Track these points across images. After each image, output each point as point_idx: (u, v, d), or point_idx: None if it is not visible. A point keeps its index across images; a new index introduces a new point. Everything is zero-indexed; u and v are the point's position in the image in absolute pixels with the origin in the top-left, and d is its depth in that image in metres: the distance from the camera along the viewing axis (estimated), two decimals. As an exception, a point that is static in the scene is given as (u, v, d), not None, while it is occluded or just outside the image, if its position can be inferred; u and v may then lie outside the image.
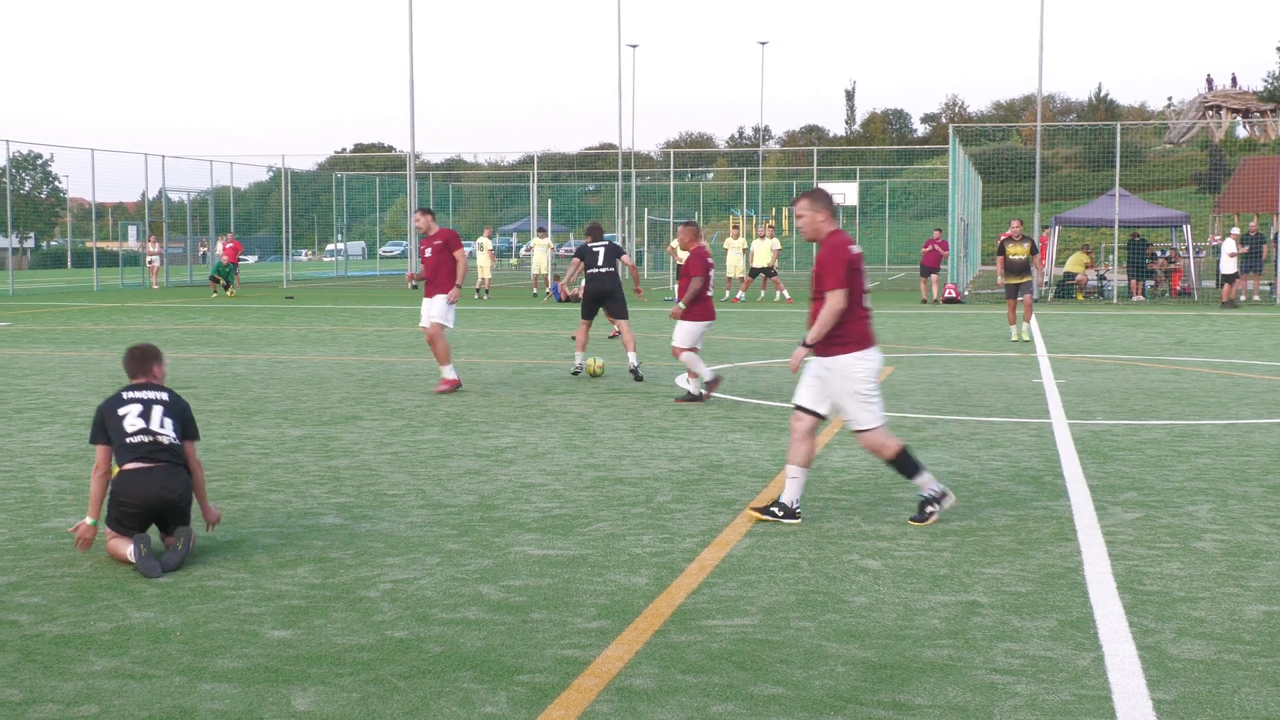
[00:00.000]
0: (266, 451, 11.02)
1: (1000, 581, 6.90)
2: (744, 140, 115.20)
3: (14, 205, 57.67)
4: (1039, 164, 39.74)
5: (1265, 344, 21.94)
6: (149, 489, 7.24)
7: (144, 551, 6.98)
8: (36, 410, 13.68)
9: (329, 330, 25.60)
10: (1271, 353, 20.31)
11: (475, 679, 5.40)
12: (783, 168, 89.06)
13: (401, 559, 7.38)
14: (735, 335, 24.10)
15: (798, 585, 6.81)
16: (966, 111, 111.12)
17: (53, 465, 10.38)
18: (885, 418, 8.51)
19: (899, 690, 5.27)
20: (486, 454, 10.89)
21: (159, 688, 5.31)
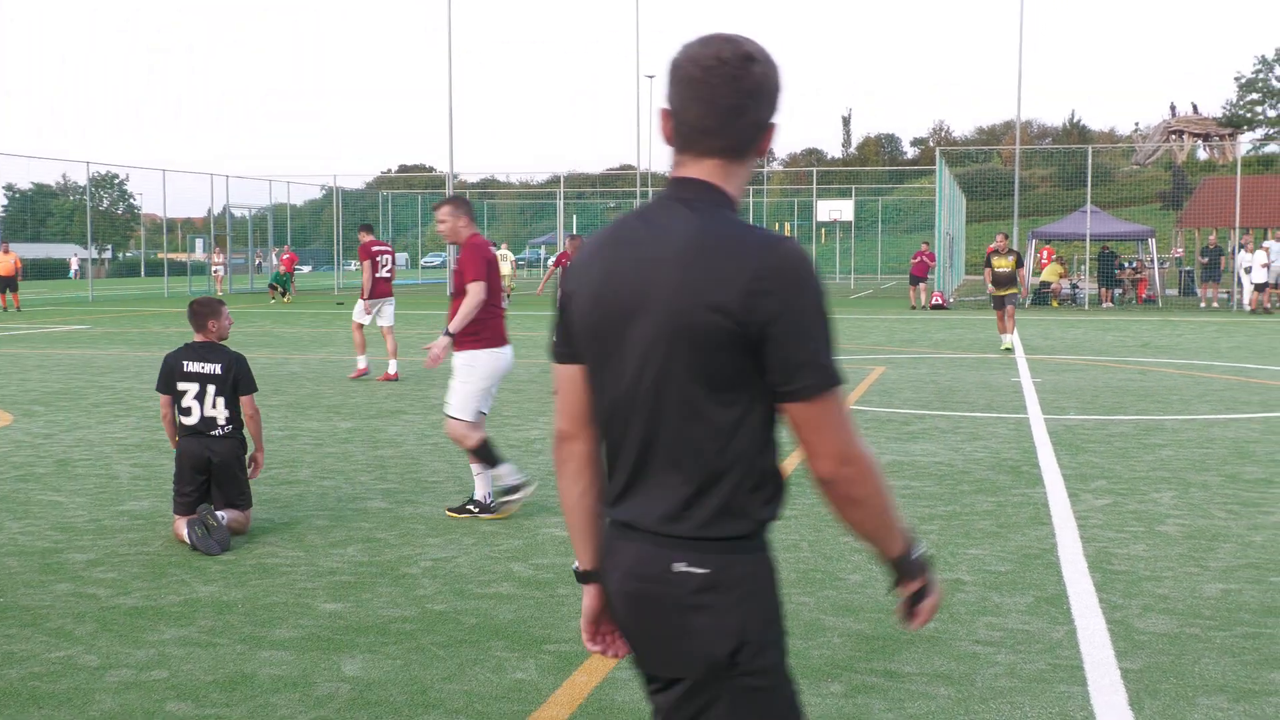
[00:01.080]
0: (319, 442, 11.03)
1: (982, 561, 6.87)
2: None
3: (93, 220, 57.82)
4: (1017, 183, 39.56)
5: (1223, 346, 21.82)
6: (199, 452, 7.44)
7: (199, 533, 7.03)
8: (113, 405, 13.72)
9: (375, 332, 25.58)
10: (1229, 354, 20.20)
11: (507, 648, 5.40)
12: (785, 186, 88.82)
13: (441, 539, 7.38)
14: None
15: (798, 564, 6.79)
16: (952, 135, 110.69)
17: (128, 454, 10.40)
18: (483, 417, 8.07)
19: (890, 659, 5.25)
20: (517, 445, 10.88)
21: (222, 655, 5.32)
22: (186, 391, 7.51)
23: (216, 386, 7.51)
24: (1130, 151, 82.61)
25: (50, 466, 9.82)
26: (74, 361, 18.66)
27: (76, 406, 13.55)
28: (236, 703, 4.77)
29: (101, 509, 8.23)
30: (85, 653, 5.35)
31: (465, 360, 8.04)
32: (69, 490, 8.87)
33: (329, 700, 4.80)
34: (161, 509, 8.19)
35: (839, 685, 4.94)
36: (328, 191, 67.23)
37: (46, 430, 11.76)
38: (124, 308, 38.08)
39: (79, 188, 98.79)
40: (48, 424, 12.18)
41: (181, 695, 4.85)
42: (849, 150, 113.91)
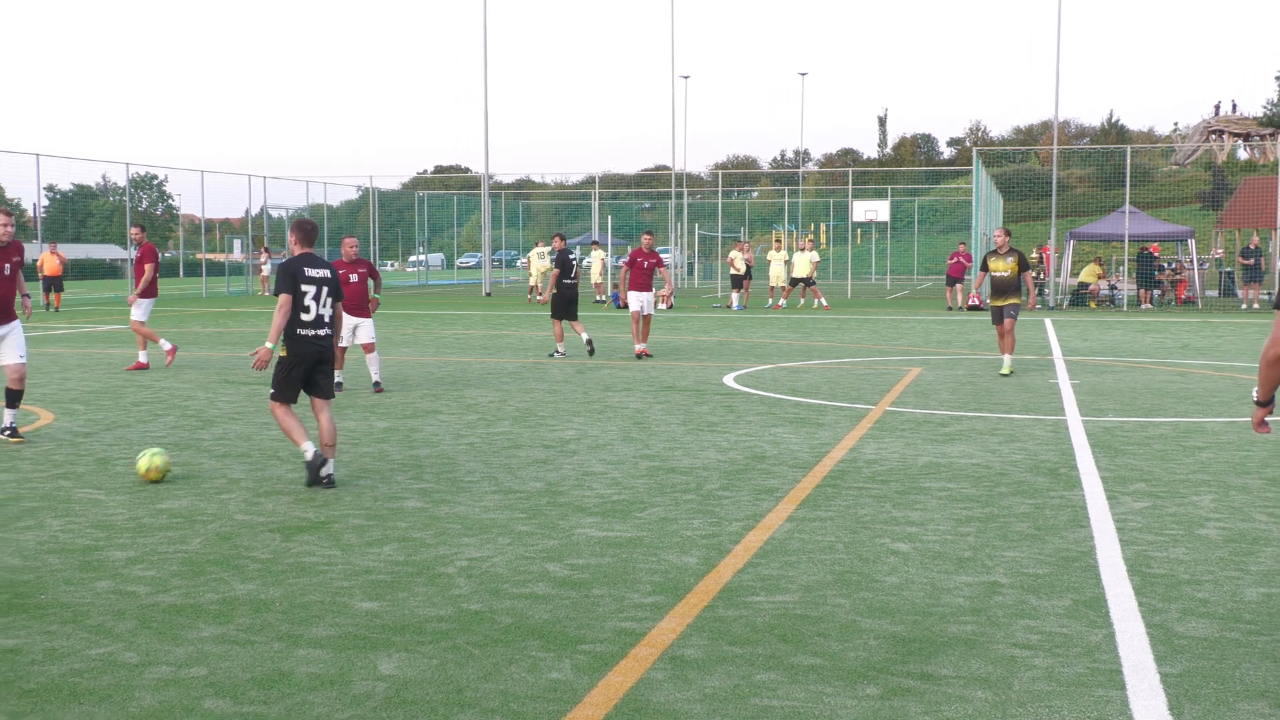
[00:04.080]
0: (356, 441, 11.08)
1: (1019, 564, 6.83)
2: (785, 162, 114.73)
3: (133, 221, 58.32)
4: (1055, 184, 39.30)
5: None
6: (312, 351, 9.08)
7: (315, 461, 8.82)
8: (152, 403, 13.83)
9: (411, 333, 25.71)
10: (1270, 356, 19.98)
11: (542, 648, 5.41)
12: (821, 187, 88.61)
13: (476, 539, 7.41)
14: (777, 339, 24.01)
15: (834, 566, 6.77)
16: (989, 136, 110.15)
17: (167, 453, 10.47)
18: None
19: (926, 662, 5.23)
20: (552, 445, 10.90)
21: (260, 653, 5.35)
22: (308, 293, 9.03)
23: (328, 289, 9.13)
24: (1169, 151, 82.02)
25: (90, 465, 9.91)
26: (114, 361, 18.82)
27: (116, 405, 13.67)
28: (274, 700, 4.80)
29: (141, 507, 8.29)
30: (125, 650, 5.39)
31: None
32: (109, 488, 8.95)
33: (365, 699, 4.82)
34: (201, 508, 8.25)
35: (875, 688, 4.93)
36: (364, 192, 67.56)
37: (87, 429, 11.87)
38: (163, 308, 38.40)
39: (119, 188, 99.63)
40: (88, 423, 12.30)
41: (220, 692, 4.88)
42: (885, 150, 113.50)
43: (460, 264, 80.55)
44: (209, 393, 14.85)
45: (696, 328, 27.45)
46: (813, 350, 21.29)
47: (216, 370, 17.58)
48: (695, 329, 27.00)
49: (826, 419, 12.52)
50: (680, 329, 26.76)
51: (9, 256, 11.17)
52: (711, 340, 23.63)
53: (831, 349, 21.49)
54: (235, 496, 8.65)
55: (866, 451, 10.53)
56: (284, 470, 9.63)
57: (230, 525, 7.76)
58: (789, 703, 4.77)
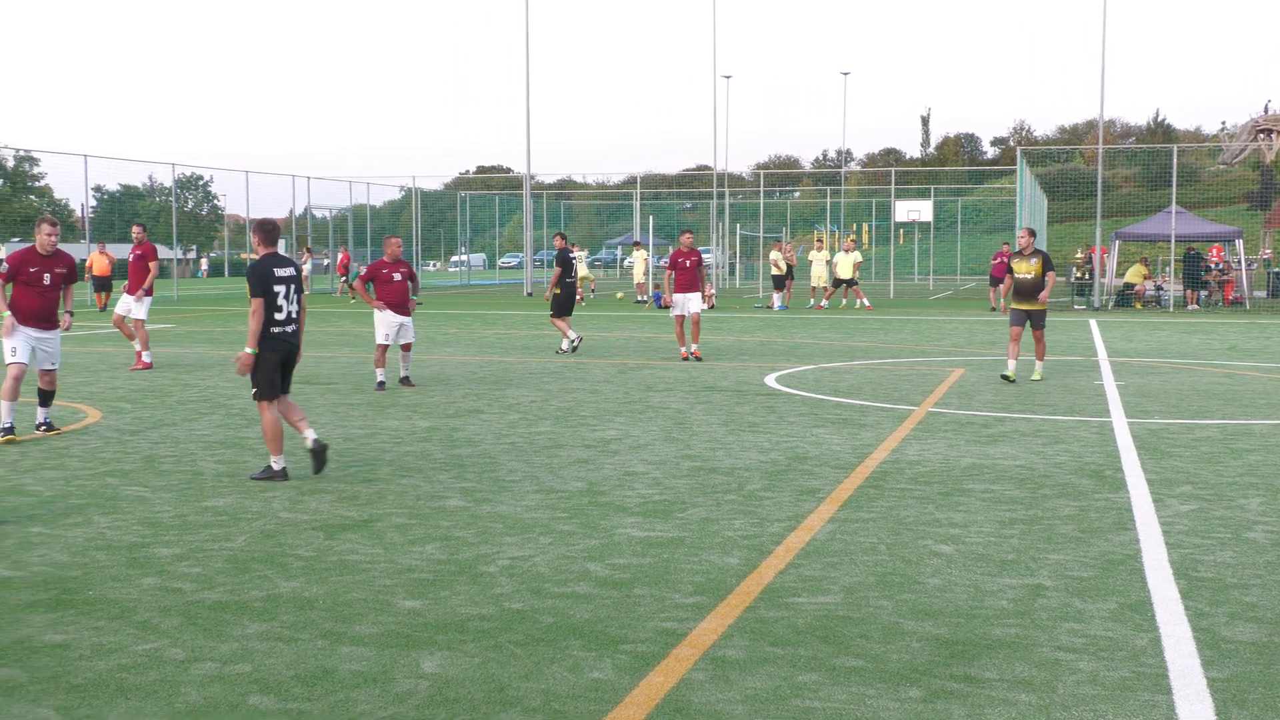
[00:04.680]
0: (399, 441, 11.14)
1: (1064, 566, 6.78)
2: (827, 162, 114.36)
3: (179, 221, 58.87)
4: (1100, 183, 38.97)
5: (1313, 350, 21.34)
6: (285, 348, 9.40)
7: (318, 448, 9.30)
8: (197, 402, 13.95)
9: (454, 333, 25.82)
10: (1319, 358, 19.75)
11: (584, 647, 5.42)
12: (863, 187, 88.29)
13: (518, 538, 7.43)
14: (819, 339, 23.94)
15: (876, 567, 6.75)
16: (1033, 135, 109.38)
17: (211, 451, 10.58)
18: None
19: (970, 665, 5.20)
20: (594, 445, 10.91)
21: (304, 650, 5.39)
22: (279, 293, 9.29)
23: (295, 285, 9.41)
24: (1216, 150, 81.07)
25: (137, 463, 10.01)
26: (159, 360, 19.00)
27: (162, 404, 13.80)
28: (317, 697, 4.83)
29: (186, 504, 8.37)
30: (171, 646, 5.44)
31: None
32: (155, 486, 9.04)
33: (408, 697, 4.84)
34: (245, 506, 8.32)
35: (917, 690, 4.90)
36: (406, 192, 67.89)
37: (133, 427, 11.99)
38: (207, 307, 38.74)
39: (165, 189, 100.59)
40: (134, 421, 12.43)
41: (264, 689, 4.92)
42: (928, 150, 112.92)
43: (502, 264, 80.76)
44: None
45: (738, 328, 27.41)
46: (855, 351, 21.21)
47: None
48: (737, 329, 26.96)
49: (869, 420, 12.47)
50: (722, 329, 26.72)
51: (52, 266, 11.28)
52: (753, 340, 23.59)
53: (874, 349, 21.40)
54: (279, 495, 8.71)
55: (909, 452, 10.48)
56: (328, 469, 9.69)
57: (274, 523, 7.82)
58: (831, 704, 4.75)
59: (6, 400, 10.99)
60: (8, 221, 78.67)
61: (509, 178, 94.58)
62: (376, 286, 15.61)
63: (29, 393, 12.06)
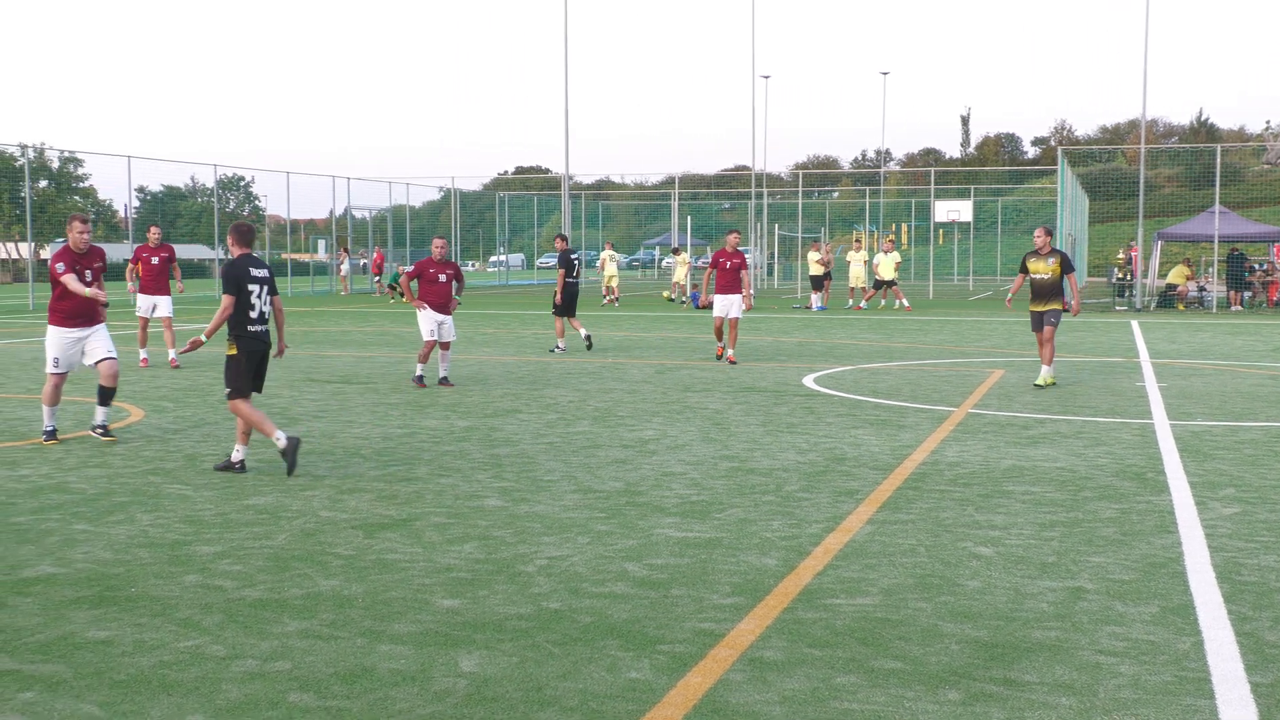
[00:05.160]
0: (437, 440, 11.18)
1: (1105, 569, 6.73)
2: (867, 162, 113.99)
3: (220, 221, 59.34)
4: (1143, 183, 38.65)
5: (1360, 352, 21.08)
6: (258, 347, 9.70)
7: (292, 445, 9.34)
8: (238, 401, 14.04)
9: (492, 333, 25.90)
10: (1366, 360, 19.50)
11: (621, 647, 5.42)
12: (902, 187, 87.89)
13: (556, 538, 7.44)
14: (858, 340, 23.86)
15: (915, 569, 6.72)
16: (1074, 135, 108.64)
17: (252, 450, 10.63)
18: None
19: (1010, 667, 5.16)
20: (632, 445, 10.92)
21: (343, 648, 5.42)
22: (254, 292, 9.62)
23: (268, 287, 9.79)
24: (1261, 150, 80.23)
25: (179, 461, 10.09)
26: (201, 359, 19.15)
27: (204, 403, 13.91)
28: (357, 695, 4.86)
29: (227, 503, 8.44)
30: (212, 643, 5.49)
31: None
32: (197, 484, 9.11)
33: (446, 695, 4.86)
34: (285, 504, 8.37)
35: (956, 693, 4.87)
36: (445, 193, 68.17)
37: (175, 425, 12.09)
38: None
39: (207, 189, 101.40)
40: (176, 419, 12.53)
41: (304, 686, 4.95)
42: (968, 150, 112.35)
43: (540, 264, 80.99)
44: (294, 390, 15.06)
45: (776, 328, 27.35)
46: (894, 351, 21.12)
47: (302, 370, 17.84)
48: (775, 330, 26.90)
49: (908, 421, 12.42)
50: (760, 330, 26.68)
51: (90, 263, 11.38)
52: (791, 341, 23.54)
53: (913, 350, 21.30)
54: (319, 493, 8.77)
55: (948, 454, 10.43)
56: (367, 468, 9.74)
57: (314, 522, 7.86)
58: (869, 706, 4.73)
59: (47, 405, 11.09)
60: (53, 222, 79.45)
61: (547, 178, 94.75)
62: (421, 285, 15.75)
63: (75, 392, 12.19)
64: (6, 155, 67.47)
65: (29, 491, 8.86)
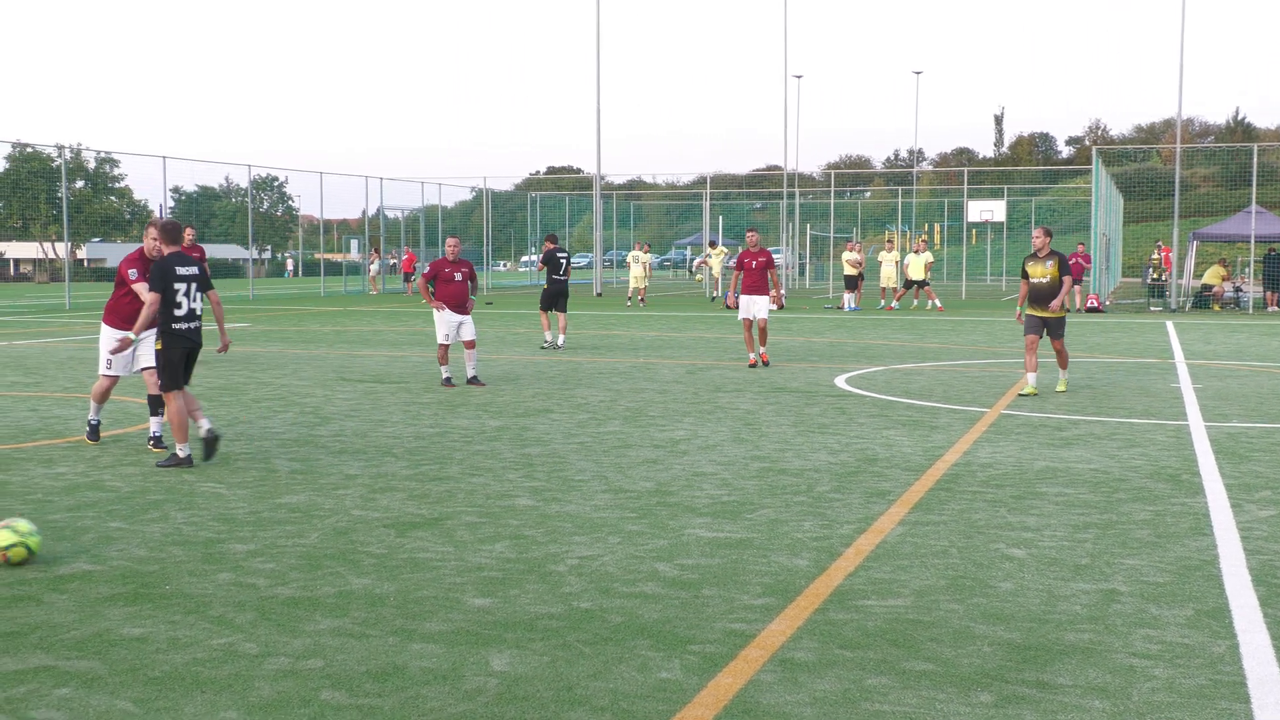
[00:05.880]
0: (469, 440, 11.21)
1: (1139, 572, 6.68)
2: (899, 162, 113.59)
3: (254, 221, 59.67)
4: (1178, 183, 38.35)
5: (1399, 353, 20.85)
6: (186, 344, 9.86)
7: (211, 437, 9.76)
8: (272, 400, 14.13)
9: (524, 333, 25.94)
10: (1405, 361, 19.28)
11: (652, 647, 5.42)
12: (935, 187, 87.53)
13: (587, 538, 7.44)
14: (890, 340, 23.78)
15: (947, 570, 6.69)
16: (1109, 134, 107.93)
17: (285, 449, 10.71)
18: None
19: (1043, 670, 5.13)
20: (663, 445, 10.92)
21: (375, 646, 5.44)
22: (180, 290, 9.78)
23: (198, 284, 9.93)
24: (1299, 149, 79.44)
25: (213, 460, 10.15)
26: (235, 358, 19.27)
27: (237, 402, 13.99)
28: (388, 693, 4.88)
29: (260, 501, 8.48)
30: (245, 640, 5.52)
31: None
32: (230, 483, 9.17)
33: (478, 694, 4.87)
34: (318, 503, 8.41)
35: (989, 695, 4.85)
36: (477, 193, 68.34)
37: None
38: (281, 306, 39.24)
39: (241, 190, 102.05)
40: (211, 418, 12.58)
41: (336, 684, 4.97)
42: (1001, 150, 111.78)
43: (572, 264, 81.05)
44: (326, 390, 15.14)
45: (808, 329, 27.29)
46: (926, 352, 21.04)
47: (335, 368, 17.92)
48: (807, 330, 26.84)
49: (940, 422, 12.37)
50: (792, 330, 26.62)
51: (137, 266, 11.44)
52: (823, 341, 23.48)
53: (945, 351, 21.21)
54: (351, 492, 8.80)
55: (981, 455, 10.38)
56: (399, 467, 9.78)
57: (346, 520, 7.90)
58: (901, 708, 4.72)
59: (95, 401, 11.17)
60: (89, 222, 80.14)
61: (579, 178, 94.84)
62: (437, 285, 15.81)
63: (123, 392, 12.26)
64: (44, 156, 68.13)
65: (65, 489, 8.94)
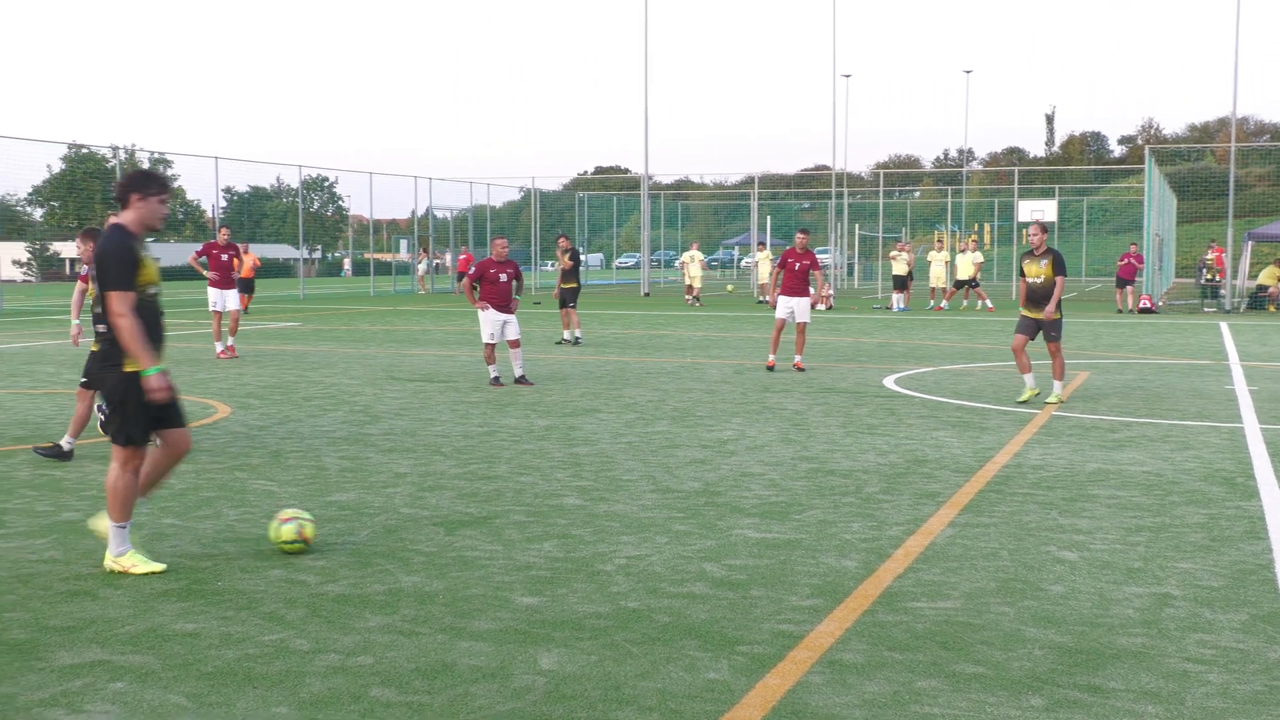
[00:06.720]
0: (517, 439, 11.25)
1: (1193, 576, 6.60)
2: (948, 161, 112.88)
3: (305, 222, 60.16)
4: (1232, 182, 37.84)
5: None
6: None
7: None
8: (322, 399, 14.24)
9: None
10: None
11: (700, 647, 5.42)
12: (985, 186, 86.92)
13: (634, 537, 7.45)
14: (940, 341, 23.63)
15: (997, 573, 6.64)
16: (1162, 133, 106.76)
17: (335, 447, 10.78)
18: None
19: (1094, 674, 5.09)
20: (710, 445, 10.90)
21: (424, 644, 5.47)
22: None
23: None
24: (1357, 148, 78.26)
25: (264, 457, 10.25)
26: (286, 357, 19.44)
27: (288, 400, 14.11)
28: (438, 691, 4.90)
29: (311, 499, 8.55)
30: (296, 637, 5.56)
31: None
32: (281, 480, 9.24)
33: (526, 692, 4.88)
34: (368, 501, 8.47)
35: (1039, 699, 4.81)
36: (526, 193, 68.57)
37: (260, 422, 12.28)
38: (332, 306, 39.52)
39: (292, 190, 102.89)
40: (262, 416, 12.72)
41: (386, 681, 5.00)
42: (1052, 149, 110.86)
43: (619, 264, 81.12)
44: (376, 389, 15.24)
45: (856, 329, 27.17)
46: (976, 353, 20.89)
47: (384, 367, 18.03)
48: (855, 330, 26.73)
49: (990, 423, 12.28)
50: (840, 330, 26.52)
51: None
52: (872, 342, 23.37)
53: (995, 351, 21.06)
54: (401, 490, 8.85)
55: (1032, 457, 10.30)
56: (448, 466, 9.83)
57: (396, 518, 7.94)
58: (951, 711, 4.69)
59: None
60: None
61: (626, 178, 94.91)
62: (483, 285, 15.88)
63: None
64: (99, 157, 68.94)
65: (119, 486, 9.03)
